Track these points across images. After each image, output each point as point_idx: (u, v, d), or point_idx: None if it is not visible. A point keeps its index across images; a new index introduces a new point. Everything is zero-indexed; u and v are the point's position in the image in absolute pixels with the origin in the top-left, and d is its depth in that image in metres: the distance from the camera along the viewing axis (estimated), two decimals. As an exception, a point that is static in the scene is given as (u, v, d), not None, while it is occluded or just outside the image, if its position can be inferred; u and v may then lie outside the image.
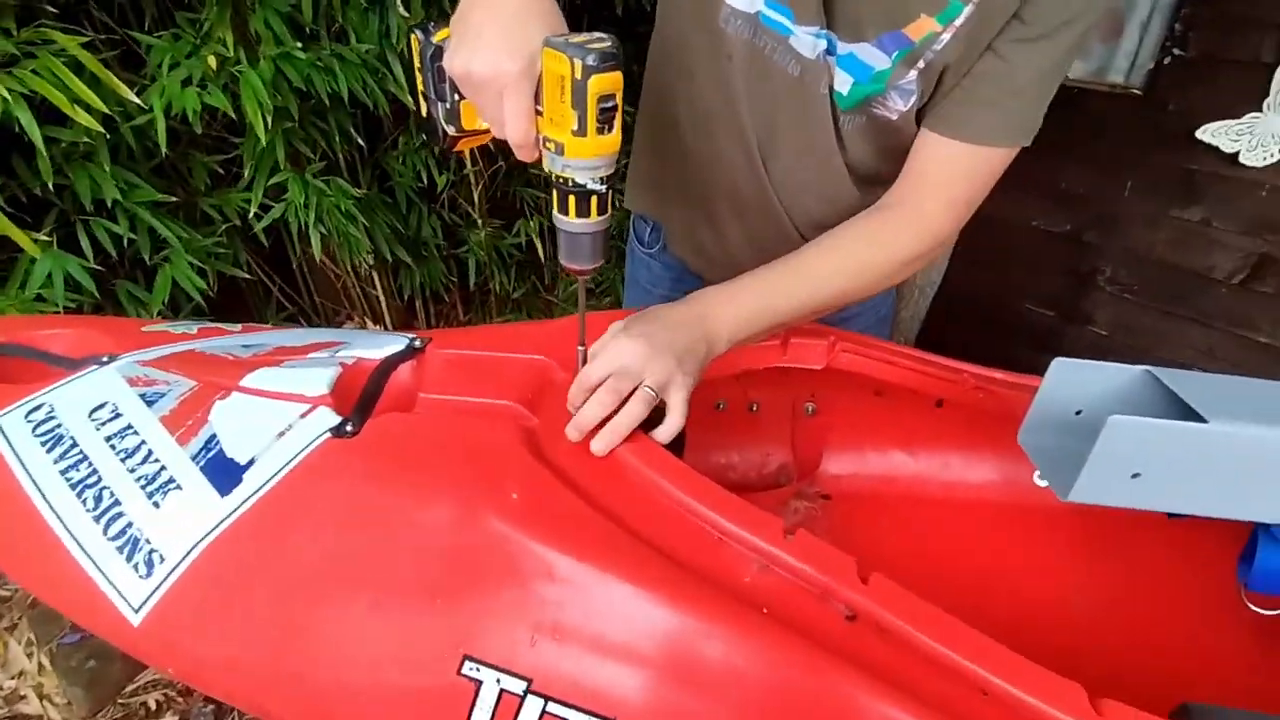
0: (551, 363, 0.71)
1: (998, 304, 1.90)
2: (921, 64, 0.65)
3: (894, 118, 0.71)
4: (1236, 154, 1.37)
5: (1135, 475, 0.58)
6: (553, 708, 0.49)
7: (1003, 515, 0.91)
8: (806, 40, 0.66)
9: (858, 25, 0.65)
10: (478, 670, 0.50)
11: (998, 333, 1.92)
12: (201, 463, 0.62)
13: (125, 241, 1.27)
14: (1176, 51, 1.42)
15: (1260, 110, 1.32)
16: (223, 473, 0.61)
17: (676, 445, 0.64)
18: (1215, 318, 1.55)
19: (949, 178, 0.70)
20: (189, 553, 0.58)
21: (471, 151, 1.72)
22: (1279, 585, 0.65)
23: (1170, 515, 0.75)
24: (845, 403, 0.94)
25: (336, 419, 0.63)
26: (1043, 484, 0.91)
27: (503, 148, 0.54)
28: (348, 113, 1.47)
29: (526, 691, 0.49)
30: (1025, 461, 0.91)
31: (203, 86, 1.22)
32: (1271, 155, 1.33)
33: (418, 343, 0.74)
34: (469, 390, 0.67)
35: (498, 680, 0.50)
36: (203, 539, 0.58)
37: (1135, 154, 1.54)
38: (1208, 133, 1.40)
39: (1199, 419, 0.57)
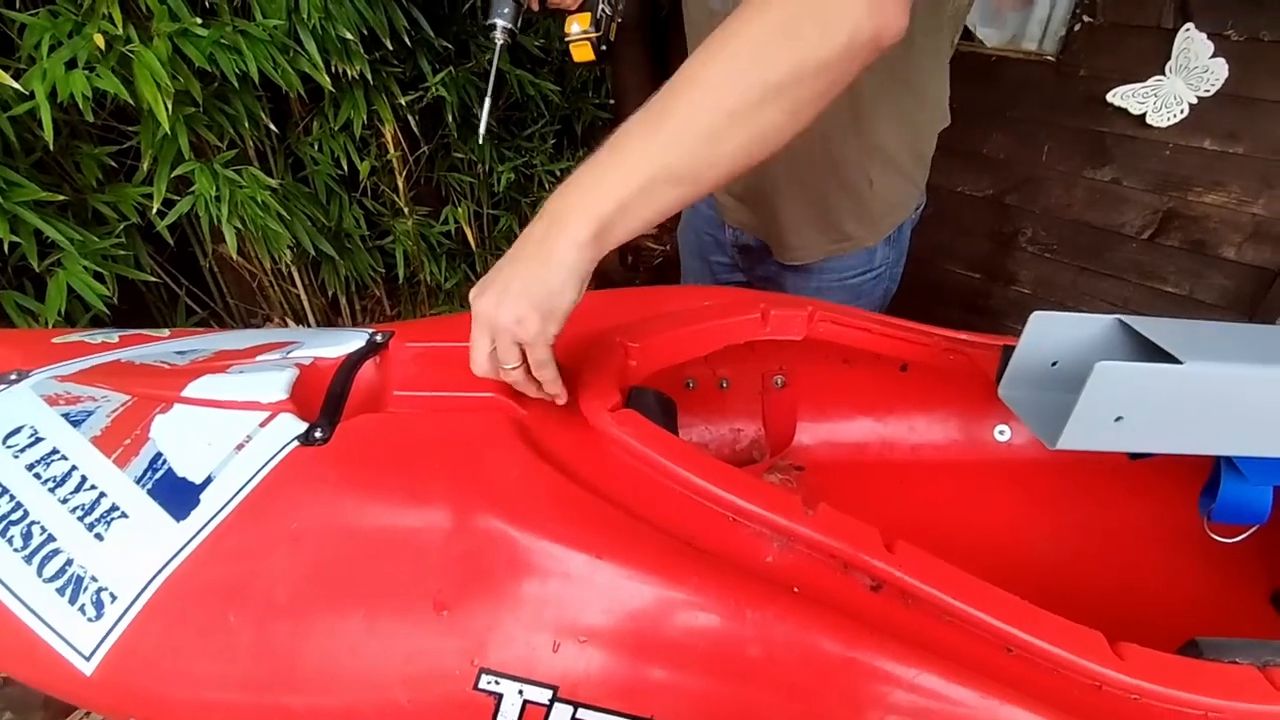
0: (530, 349, 0.67)
1: (926, 268, 1.96)
2: None
3: None
4: (1144, 115, 1.45)
5: (1118, 419, 0.60)
6: (583, 714, 0.46)
7: (968, 472, 0.93)
8: None
9: None
10: (497, 683, 0.47)
11: (927, 296, 1.98)
12: (148, 485, 0.55)
13: (7, 246, 1.13)
14: (1086, 19, 1.48)
15: (1164, 73, 1.41)
16: (175, 495, 0.55)
17: (670, 427, 0.62)
18: (1127, 271, 1.65)
19: None
20: (145, 587, 0.52)
21: (395, 135, 1.62)
22: (1240, 515, 0.69)
23: (1131, 457, 0.79)
24: (814, 373, 0.94)
25: (303, 425, 0.57)
26: (1002, 439, 0.94)
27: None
28: (255, 95, 1.35)
29: (553, 700, 0.46)
30: (986, 418, 0.94)
31: (90, 69, 1.10)
32: (1175, 115, 1.41)
33: (380, 337, 0.68)
34: (447, 384, 0.62)
35: (520, 691, 0.47)
36: (160, 570, 0.52)
37: (1051, 118, 1.61)
38: (1117, 95, 1.47)
39: (1173, 361, 0.59)
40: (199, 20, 1.16)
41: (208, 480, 0.55)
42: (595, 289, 0.60)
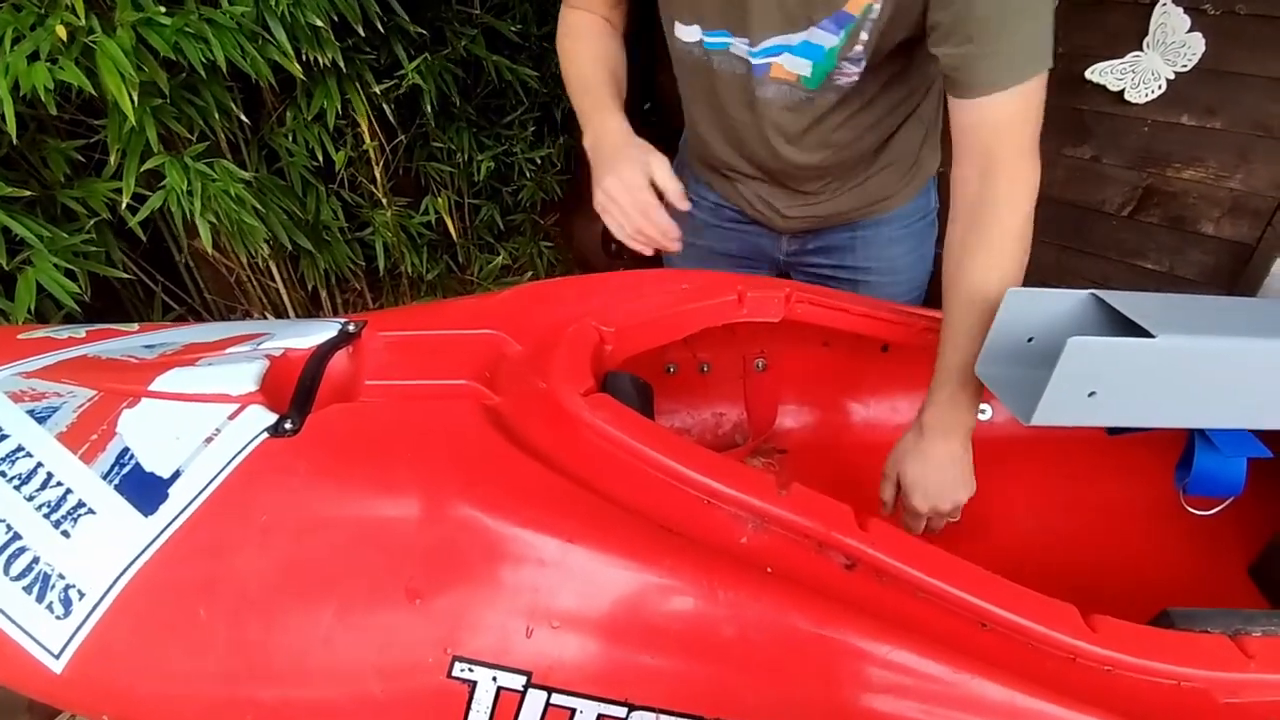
0: (503, 336, 0.66)
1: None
2: (864, 35, 0.70)
3: (854, 79, 0.75)
4: (1122, 92, 1.45)
5: (1091, 394, 0.60)
6: (558, 699, 0.46)
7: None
8: (740, 48, 0.76)
9: (808, 12, 0.70)
10: (470, 670, 0.46)
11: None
12: (115, 481, 0.54)
13: (-26, 244, 1.11)
14: (1063, -5, 1.48)
15: (1141, 49, 1.40)
16: (143, 490, 0.54)
17: (647, 411, 0.62)
18: (1108, 249, 1.65)
19: (996, 134, 0.68)
20: (114, 583, 0.51)
21: (371, 125, 1.60)
22: (1214, 487, 0.69)
23: (1110, 433, 0.79)
24: (795, 356, 0.94)
25: (272, 417, 0.56)
26: (983, 418, 0.94)
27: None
28: (225, 85, 1.33)
29: (527, 685, 0.46)
30: (966, 396, 0.94)
31: (53, 62, 1.07)
32: (1152, 91, 1.41)
33: (352, 327, 0.67)
34: (419, 373, 0.61)
35: (494, 678, 0.46)
36: (129, 566, 0.51)
37: (1029, 97, 1.60)
38: (1095, 72, 1.47)
39: (1146, 335, 0.59)
40: (163, 8, 1.13)
41: (176, 474, 0.54)
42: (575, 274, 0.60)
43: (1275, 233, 1.43)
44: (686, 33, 0.79)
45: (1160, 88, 1.40)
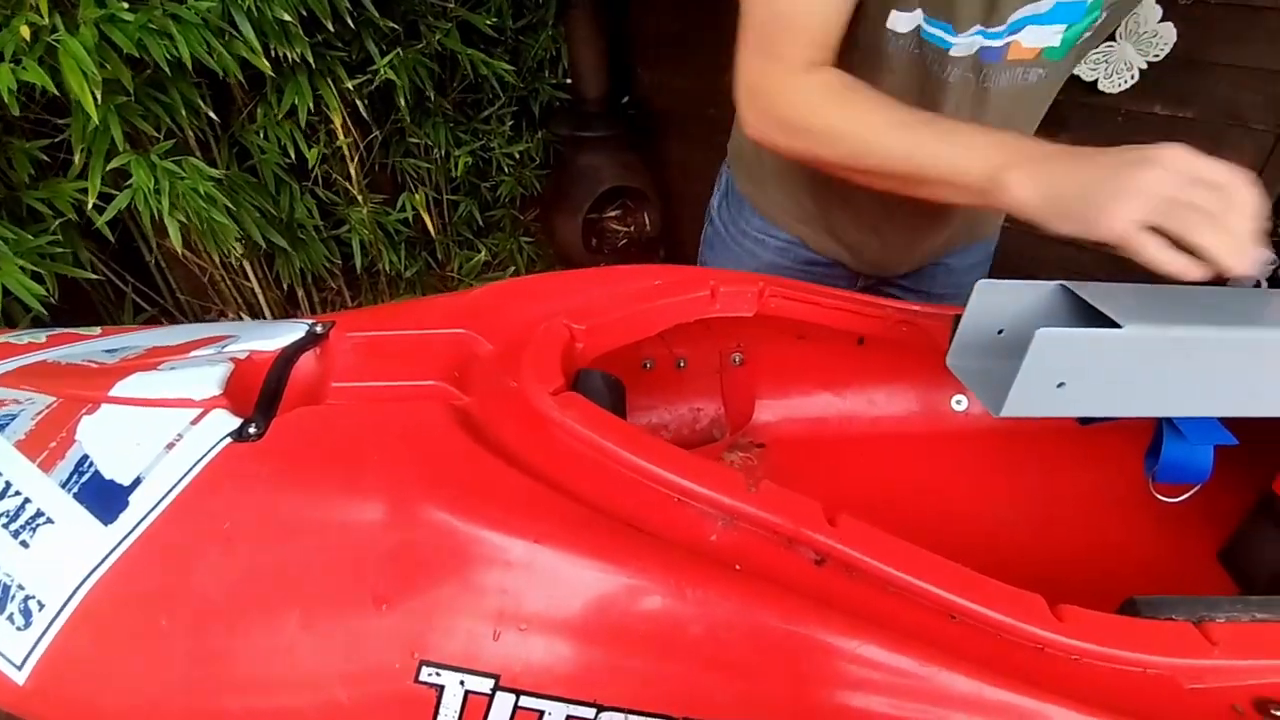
0: (474, 335, 0.65)
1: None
2: None
3: (1095, 43, 0.70)
4: (1095, 82, 1.46)
5: (1060, 385, 0.60)
6: (526, 701, 0.46)
7: (927, 443, 0.94)
8: (964, 44, 0.66)
9: None
10: (438, 674, 0.46)
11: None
12: (74, 489, 0.53)
13: (-64, 247, 1.09)
14: (1036, -14, 1.48)
15: (1114, 39, 1.41)
16: (103, 498, 0.53)
17: (619, 409, 0.61)
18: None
19: None
20: (74, 593, 0.50)
21: (344, 121, 1.58)
22: (1183, 475, 0.70)
23: (1082, 422, 0.80)
24: (772, 350, 0.94)
25: (236, 421, 0.56)
26: (959, 408, 0.95)
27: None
28: (192, 82, 1.31)
29: (495, 688, 0.46)
30: (943, 389, 0.95)
31: (16, 62, 1.05)
32: (1125, 81, 1.42)
33: (319, 328, 0.66)
34: (387, 374, 0.60)
35: (461, 681, 0.46)
36: (89, 576, 0.50)
37: (1004, 88, 1.61)
38: (1068, 63, 1.48)
39: (1113, 325, 0.59)
40: (126, 4, 1.11)
41: (136, 481, 0.53)
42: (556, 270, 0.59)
43: (1246, 220, 1.45)
44: (902, 21, 0.66)
45: (1133, 78, 1.42)
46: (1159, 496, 0.75)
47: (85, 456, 0.55)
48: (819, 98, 0.66)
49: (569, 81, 2.12)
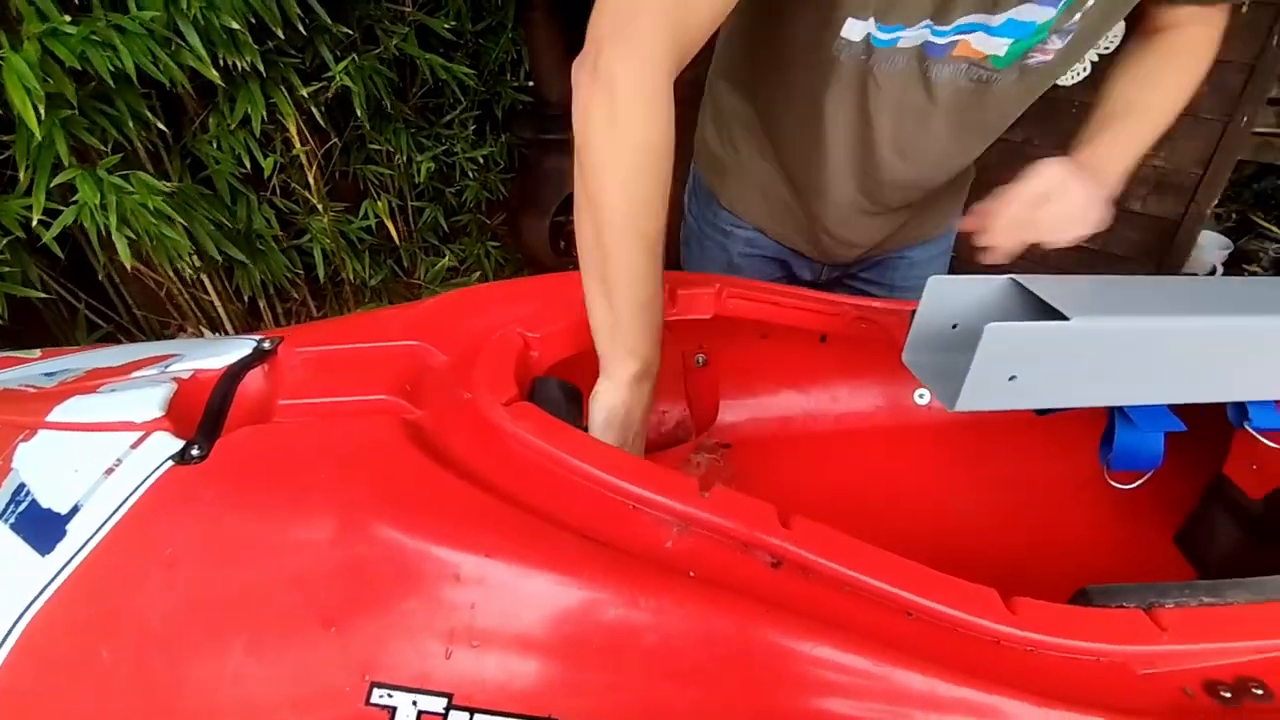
0: (427, 347, 0.65)
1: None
2: (1090, 1, 0.67)
3: (1048, 58, 0.73)
4: (1048, 75, 1.49)
5: (1012, 378, 0.61)
6: (480, 719, 0.45)
7: (891, 437, 0.95)
8: (912, 36, 0.69)
9: None
10: (389, 695, 0.45)
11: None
12: (11, 520, 0.52)
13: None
14: (988, -19, 1.50)
15: (1064, 33, 1.44)
16: (40, 528, 0.51)
17: (577, 416, 0.61)
18: (1042, 229, 1.69)
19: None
20: (11, 629, 0.48)
21: (300, 129, 1.56)
22: (1135, 462, 0.71)
23: (1039, 413, 0.81)
24: (734, 349, 0.94)
25: (178, 443, 0.54)
26: (922, 402, 0.95)
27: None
28: (138, 94, 1.28)
29: (448, 708, 0.45)
30: (905, 384, 0.96)
31: (-46, 78, 1.02)
32: (1078, 74, 1.45)
33: (267, 344, 0.65)
34: (336, 389, 0.59)
35: (414, 702, 0.45)
36: (27, 608, 0.49)
37: (962, 82, 1.62)
38: (1023, 56, 1.50)
39: (1062, 318, 0.60)
40: (68, 18, 1.08)
41: (74, 510, 0.52)
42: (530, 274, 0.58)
43: (1198, 208, 1.48)
44: (854, 30, 0.68)
45: (1085, 70, 1.44)
46: (1114, 484, 0.76)
47: (22, 485, 0.53)
48: (618, 156, 0.55)
49: (531, 84, 2.11)
